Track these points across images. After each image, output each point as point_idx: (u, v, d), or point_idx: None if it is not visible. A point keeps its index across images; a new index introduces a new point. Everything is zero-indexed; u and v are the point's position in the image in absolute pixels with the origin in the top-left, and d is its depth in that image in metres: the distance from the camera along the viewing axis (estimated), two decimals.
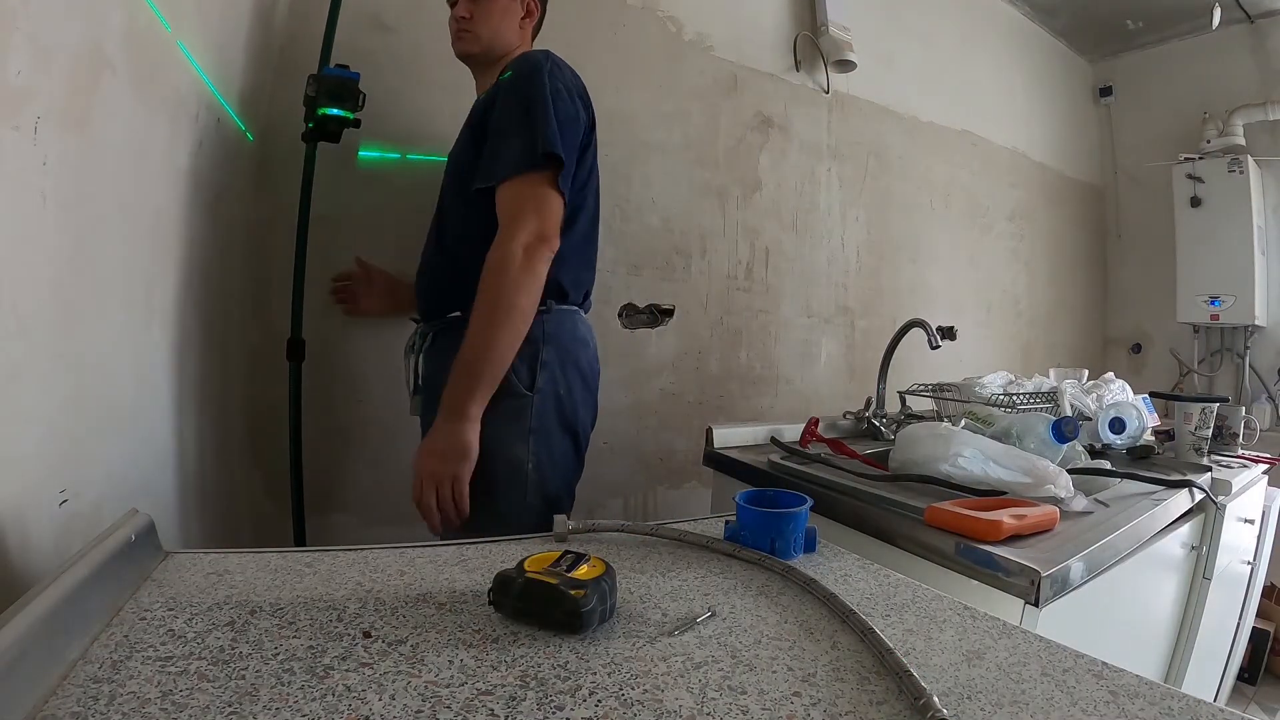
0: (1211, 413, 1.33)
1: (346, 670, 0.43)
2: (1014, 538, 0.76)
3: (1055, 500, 0.88)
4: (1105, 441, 1.25)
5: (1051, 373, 1.64)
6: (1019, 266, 2.75)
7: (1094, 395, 1.41)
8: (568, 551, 0.56)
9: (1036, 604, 0.69)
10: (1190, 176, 2.66)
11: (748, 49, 1.87)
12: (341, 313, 1.30)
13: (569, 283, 1.05)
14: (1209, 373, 2.84)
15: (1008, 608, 0.70)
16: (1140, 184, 3.03)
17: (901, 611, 0.57)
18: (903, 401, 1.58)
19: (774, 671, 0.46)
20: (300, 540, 1.23)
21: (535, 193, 0.96)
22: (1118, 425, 1.25)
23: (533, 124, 0.96)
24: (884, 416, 1.49)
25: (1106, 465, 1.07)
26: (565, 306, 1.06)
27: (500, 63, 1.12)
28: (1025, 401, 1.34)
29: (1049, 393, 1.37)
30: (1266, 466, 1.40)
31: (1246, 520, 1.39)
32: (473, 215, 1.02)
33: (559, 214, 0.98)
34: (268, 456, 1.25)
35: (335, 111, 1.15)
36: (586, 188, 1.09)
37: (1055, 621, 0.71)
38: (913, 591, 0.61)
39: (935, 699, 0.41)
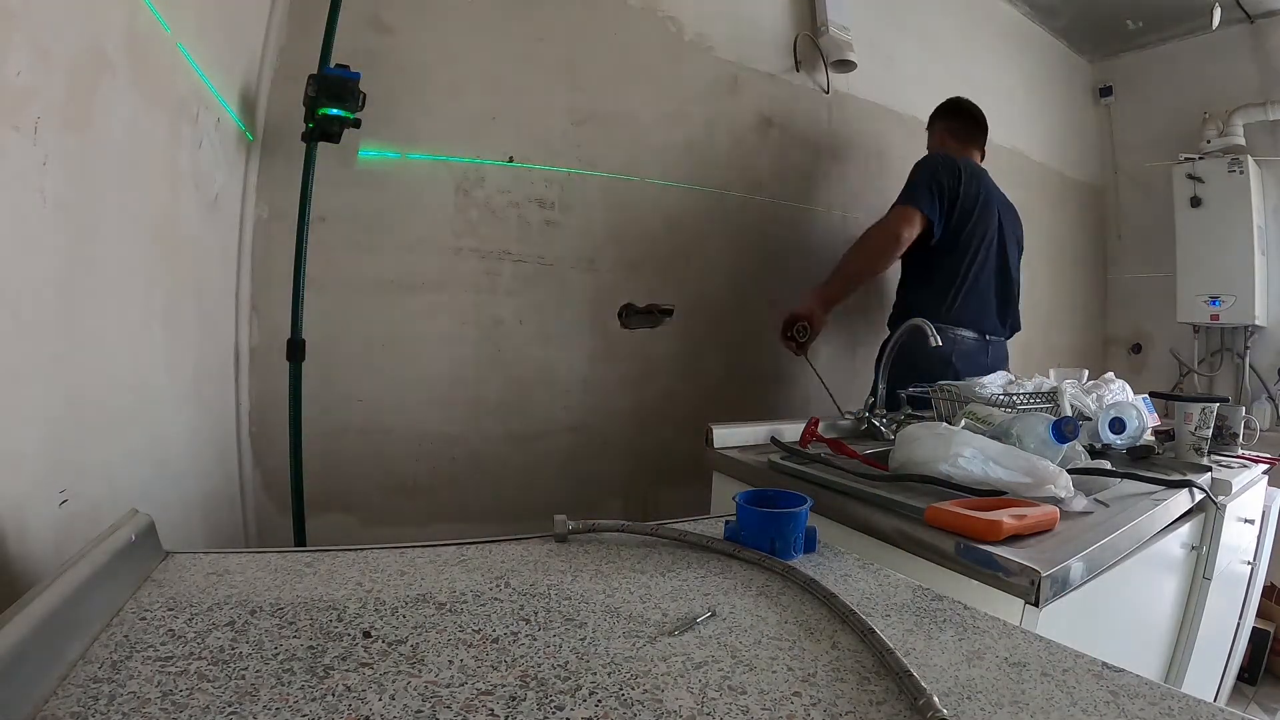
0: (1211, 413, 1.33)
1: (346, 670, 0.43)
2: (1014, 538, 0.76)
3: (1055, 500, 0.88)
4: (1105, 441, 1.24)
5: (1051, 373, 1.64)
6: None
7: (1094, 395, 1.41)
8: None
9: (1036, 604, 0.69)
10: (1190, 176, 2.66)
11: (748, 49, 1.87)
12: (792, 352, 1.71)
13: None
14: (1209, 373, 2.84)
15: (1008, 608, 0.70)
16: (1140, 184, 3.03)
17: (901, 611, 0.57)
18: (903, 401, 1.58)
19: (774, 671, 0.46)
20: (300, 540, 1.22)
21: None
22: (1118, 425, 1.25)
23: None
24: (884, 416, 1.49)
25: (1106, 465, 1.07)
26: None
27: None
28: (1025, 401, 1.34)
29: (1049, 393, 1.37)
30: (1266, 466, 1.40)
31: (1246, 520, 1.39)
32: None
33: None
34: (268, 456, 1.25)
35: (335, 111, 1.15)
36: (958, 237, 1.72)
37: (1055, 621, 0.70)
38: (913, 591, 0.61)
39: (935, 699, 0.41)
